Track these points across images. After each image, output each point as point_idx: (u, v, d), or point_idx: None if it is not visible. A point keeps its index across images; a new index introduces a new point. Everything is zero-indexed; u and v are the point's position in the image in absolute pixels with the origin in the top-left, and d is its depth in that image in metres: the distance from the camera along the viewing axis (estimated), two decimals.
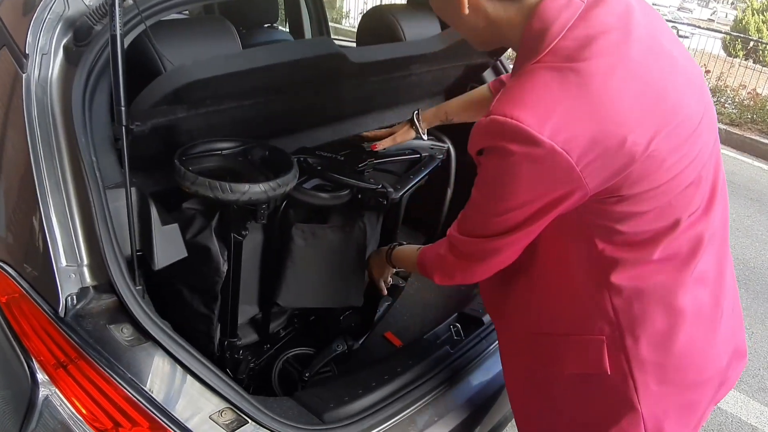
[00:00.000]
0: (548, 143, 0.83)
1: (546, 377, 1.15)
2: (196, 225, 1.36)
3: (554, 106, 0.84)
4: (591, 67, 0.85)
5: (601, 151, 0.85)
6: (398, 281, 2.12)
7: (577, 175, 0.86)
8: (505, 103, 0.88)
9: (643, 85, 0.87)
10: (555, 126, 0.83)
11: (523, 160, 0.87)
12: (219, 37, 1.32)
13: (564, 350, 1.09)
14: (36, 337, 1.08)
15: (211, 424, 1.08)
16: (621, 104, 0.85)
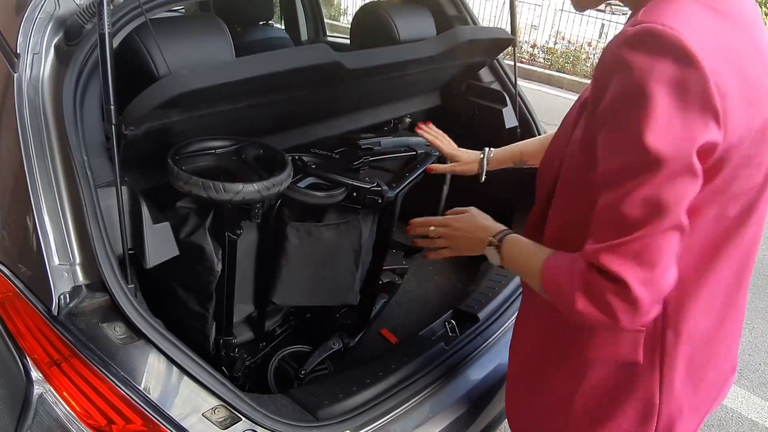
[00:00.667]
0: (705, 68, 0.73)
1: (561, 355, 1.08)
2: (190, 224, 1.36)
3: (709, 36, 0.76)
4: (735, 12, 0.80)
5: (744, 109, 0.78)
6: (394, 278, 2.13)
7: (721, 123, 0.76)
8: (657, 14, 0.77)
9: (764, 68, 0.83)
10: (711, 54, 0.74)
11: (670, 84, 0.74)
12: (211, 35, 1.32)
13: (594, 333, 1.01)
14: (30, 336, 1.09)
15: (204, 421, 1.08)
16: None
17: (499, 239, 1.08)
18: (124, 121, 1.15)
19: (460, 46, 1.71)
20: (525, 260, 1.03)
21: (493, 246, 1.08)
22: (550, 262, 0.93)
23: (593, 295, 0.82)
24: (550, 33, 9.60)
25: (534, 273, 0.96)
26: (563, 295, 0.87)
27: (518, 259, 1.06)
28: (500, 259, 1.07)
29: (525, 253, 1.04)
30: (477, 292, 1.77)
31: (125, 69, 1.16)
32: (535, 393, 1.16)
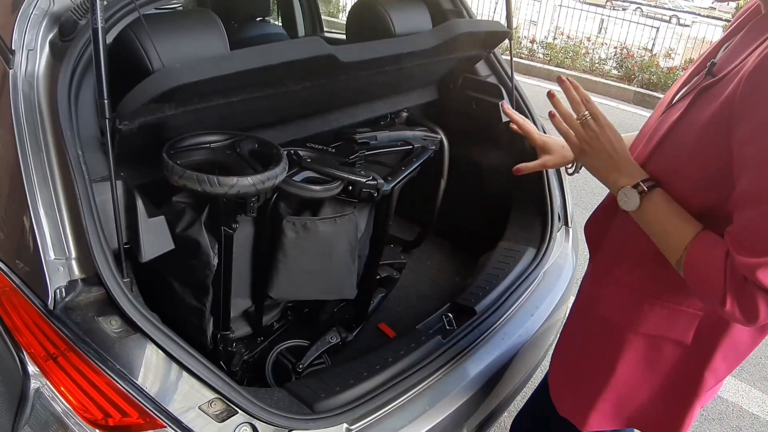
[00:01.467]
0: None
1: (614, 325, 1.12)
2: (185, 219, 1.37)
3: None
4: None
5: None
6: (392, 273, 2.13)
7: None
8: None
9: None
10: None
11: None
12: (205, 30, 1.32)
13: (648, 311, 1.07)
14: (26, 330, 1.09)
15: (201, 414, 1.09)
16: None
17: (649, 186, 0.99)
18: (118, 115, 1.15)
19: (455, 38, 1.71)
20: (669, 225, 0.97)
21: (638, 190, 0.99)
22: (700, 245, 0.92)
23: (744, 302, 0.85)
24: (549, 28, 9.60)
25: (675, 242, 0.95)
26: (710, 288, 0.89)
27: (661, 219, 0.98)
28: (638, 207, 0.99)
29: (673, 216, 0.97)
30: (474, 286, 1.78)
31: (120, 64, 1.17)
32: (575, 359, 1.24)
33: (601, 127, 1.03)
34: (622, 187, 1.00)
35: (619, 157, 1.02)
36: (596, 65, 8.49)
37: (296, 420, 1.20)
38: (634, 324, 1.09)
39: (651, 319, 1.07)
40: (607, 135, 1.03)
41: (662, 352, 1.10)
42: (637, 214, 1.00)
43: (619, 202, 1.01)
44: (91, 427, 1.03)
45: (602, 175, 1.05)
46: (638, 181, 0.99)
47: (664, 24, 9.90)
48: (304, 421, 1.20)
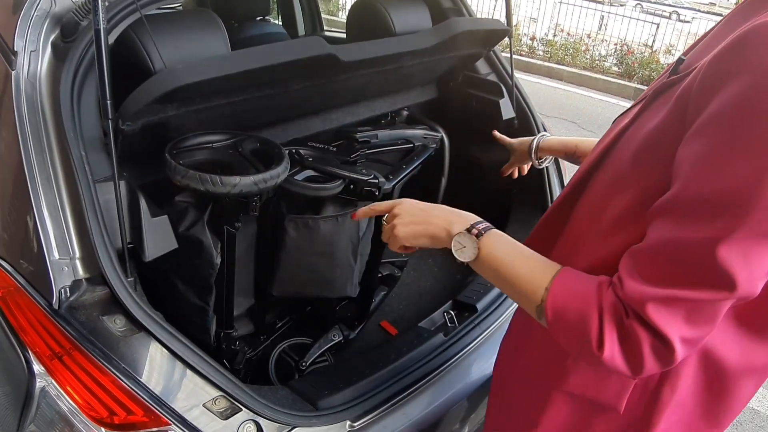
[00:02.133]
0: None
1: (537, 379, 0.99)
2: (188, 218, 1.37)
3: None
4: None
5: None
6: (394, 271, 2.14)
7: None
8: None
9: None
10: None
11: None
12: (206, 30, 1.33)
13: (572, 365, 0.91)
14: (32, 330, 1.10)
15: (205, 411, 1.10)
16: None
17: (483, 228, 0.88)
18: (121, 116, 1.16)
19: (455, 37, 1.72)
20: (519, 266, 0.83)
21: (472, 235, 0.87)
22: (564, 282, 0.77)
23: (627, 345, 0.70)
24: (549, 25, 9.58)
25: (529, 286, 0.80)
26: (582, 333, 0.72)
27: (503, 260, 0.84)
28: (475, 254, 0.86)
29: (521, 256, 0.84)
30: (475, 283, 1.78)
31: (122, 65, 1.17)
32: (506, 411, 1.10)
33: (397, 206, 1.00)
34: (455, 234, 0.89)
35: (433, 216, 0.94)
36: (596, 62, 8.48)
37: (299, 417, 1.20)
38: (557, 379, 0.93)
39: (576, 374, 0.90)
40: (406, 209, 0.98)
41: (592, 419, 0.92)
42: (478, 264, 0.87)
43: (456, 253, 0.89)
44: (97, 425, 1.04)
45: (434, 237, 0.93)
46: (471, 224, 0.89)
47: (664, 20, 9.89)
48: (307, 418, 1.21)
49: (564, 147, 1.49)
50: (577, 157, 1.44)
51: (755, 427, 2.42)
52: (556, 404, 0.94)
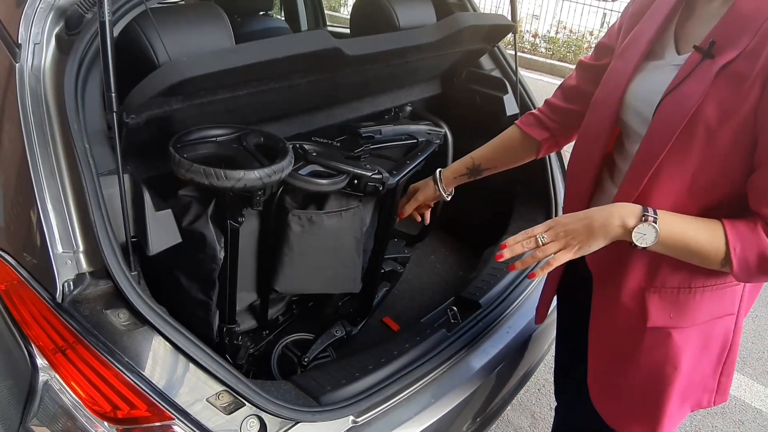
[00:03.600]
0: None
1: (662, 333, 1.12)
2: (192, 212, 1.37)
3: None
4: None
5: None
6: (396, 267, 2.14)
7: None
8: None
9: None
10: None
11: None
12: (210, 24, 1.32)
13: (700, 302, 1.09)
14: (35, 323, 1.10)
15: (208, 406, 1.10)
16: None
17: (654, 212, 0.99)
18: (125, 109, 1.15)
19: (460, 32, 1.71)
20: (696, 235, 0.98)
21: (648, 222, 0.98)
22: (738, 236, 0.95)
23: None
24: (552, 22, 9.57)
25: (711, 249, 0.97)
26: (765, 266, 0.94)
27: (681, 234, 0.98)
28: (656, 237, 0.98)
29: (687, 227, 0.99)
30: (478, 280, 1.78)
31: (126, 58, 1.17)
32: (626, 375, 1.20)
33: (558, 225, 1.06)
34: (633, 227, 0.99)
35: (593, 220, 1.02)
36: None
37: (303, 412, 1.20)
38: (688, 320, 1.10)
39: (704, 308, 1.10)
40: (567, 222, 1.05)
41: (714, 330, 1.13)
42: (659, 245, 1.00)
43: (636, 242, 1.00)
44: (100, 419, 1.04)
45: (597, 240, 1.03)
46: (641, 214, 1.00)
47: None
48: (310, 414, 1.21)
49: (463, 166, 1.52)
50: (477, 168, 1.51)
51: (758, 427, 2.42)
52: (690, 340, 1.12)
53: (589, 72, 1.31)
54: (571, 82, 1.36)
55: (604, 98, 1.14)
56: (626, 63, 1.11)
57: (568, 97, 1.36)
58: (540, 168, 2.02)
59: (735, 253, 0.95)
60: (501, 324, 1.63)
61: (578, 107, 1.32)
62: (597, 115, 1.16)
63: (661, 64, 1.07)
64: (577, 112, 1.32)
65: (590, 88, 1.25)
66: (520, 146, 1.46)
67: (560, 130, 1.40)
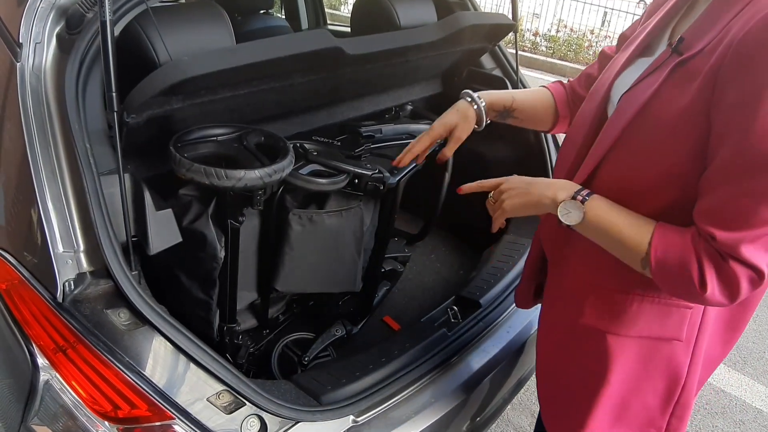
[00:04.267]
0: None
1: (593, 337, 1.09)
2: (192, 211, 1.37)
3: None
4: None
5: None
6: (397, 266, 2.14)
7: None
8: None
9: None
10: None
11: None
12: (211, 22, 1.32)
13: (638, 311, 1.04)
14: (35, 323, 1.10)
15: (209, 406, 1.10)
16: None
17: (587, 194, 0.99)
18: (126, 108, 1.15)
19: (461, 31, 1.71)
20: (622, 226, 0.94)
21: (576, 200, 0.98)
22: (663, 238, 0.90)
23: (724, 282, 0.85)
24: (553, 21, 9.56)
25: (632, 243, 0.93)
26: (684, 278, 0.87)
27: (608, 221, 0.96)
28: (581, 217, 0.97)
29: (617, 217, 0.96)
30: (479, 279, 1.78)
31: (127, 57, 1.17)
32: (564, 375, 1.19)
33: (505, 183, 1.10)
34: (560, 202, 1.00)
35: (536, 188, 1.05)
36: None
37: (303, 412, 1.20)
38: (622, 328, 1.06)
39: (641, 320, 1.05)
40: (514, 183, 1.09)
41: (656, 353, 1.07)
42: (583, 226, 0.99)
43: (561, 217, 0.99)
44: (100, 418, 1.04)
45: (531, 207, 1.06)
46: (575, 191, 1.00)
47: None
48: (311, 413, 1.21)
49: (502, 102, 1.37)
50: (512, 111, 1.38)
51: (759, 427, 2.42)
52: (625, 350, 1.07)
53: (605, 61, 1.27)
54: (590, 70, 1.33)
55: (598, 88, 1.13)
56: (622, 57, 1.10)
57: (583, 84, 1.33)
58: (541, 167, 2.02)
59: (655, 254, 0.90)
60: (501, 324, 1.63)
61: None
62: (589, 103, 1.14)
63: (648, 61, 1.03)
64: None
65: None
66: (546, 112, 1.39)
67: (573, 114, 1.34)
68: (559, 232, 1.12)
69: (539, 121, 1.41)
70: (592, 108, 1.10)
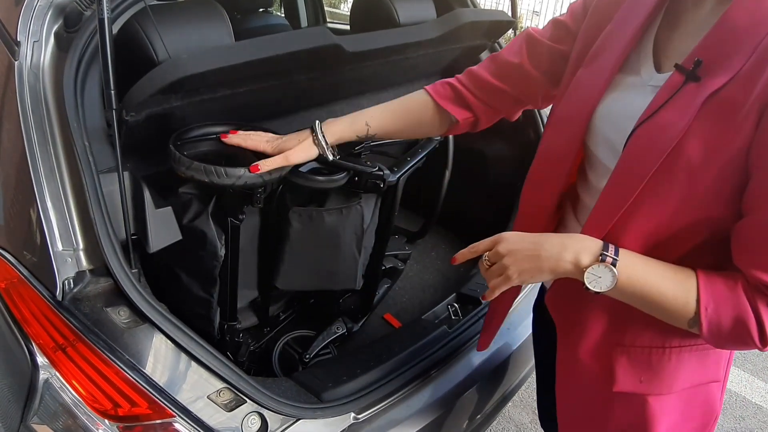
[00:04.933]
0: None
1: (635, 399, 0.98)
2: (192, 210, 1.37)
3: None
4: None
5: None
6: (397, 264, 2.14)
7: None
8: None
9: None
10: None
11: None
12: (210, 20, 1.32)
13: (678, 364, 0.94)
14: (35, 321, 1.09)
15: (210, 403, 1.10)
16: None
17: (614, 252, 0.84)
18: (124, 106, 1.15)
19: (460, 28, 1.71)
20: (661, 284, 0.82)
21: (605, 263, 0.83)
22: (712, 292, 0.80)
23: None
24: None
25: (677, 302, 0.81)
26: (743, 333, 0.78)
27: (645, 282, 0.82)
28: (614, 282, 0.83)
29: (655, 275, 0.83)
30: (479, 276, 1.78)
31: (125, 55, 1.16)
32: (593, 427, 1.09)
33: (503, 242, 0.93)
34: (587, 267, 0.85)
35: (544, 248, 0.88)
36: None
37: (304, 409, 1.20)
38: (665, 387, 0.95)
39: (683, 373, 0.95)
40: (514, 242, 0.92)
41: (695, 399, 0.99)
42: (616, 291, 0.85)
43: (589, 284, 0.85)
44: (101, 417, 1.04)
45: (558, 272, 0.88)
46: (600, 252, 0.85)
47: None
48: (311, 410, 1.21)
49: (353, 128, 1.22)
50: (371, 136, 1.23)
51: (758, 422, 2.42)
52: (666, 408, 0.98)
53: (537, 50, 1.10)
54: (510, 57, 1.13)
55: (570, 116, 0.97)
56: (596, 76, 0.94)
57: (501, 74, 1.14)
58: None
59: (706, 313, 0.79)
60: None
61: (511, 89, 1.13)
62: (560, 135, 0.99)
63: (636, 83, 0.90)
64: (507, 94, 1.14)
65: (533, 72, 1.09)
66: (429, 120, 1.21)
67: (483, 111, 1.19)
68: (574, 296, 0.98)
69: (422, 132, 1.26)
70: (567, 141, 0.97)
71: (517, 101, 1.16)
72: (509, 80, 1.13)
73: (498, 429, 2.27)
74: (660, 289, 0.82)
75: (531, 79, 1.10)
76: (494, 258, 0.95)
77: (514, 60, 1.12)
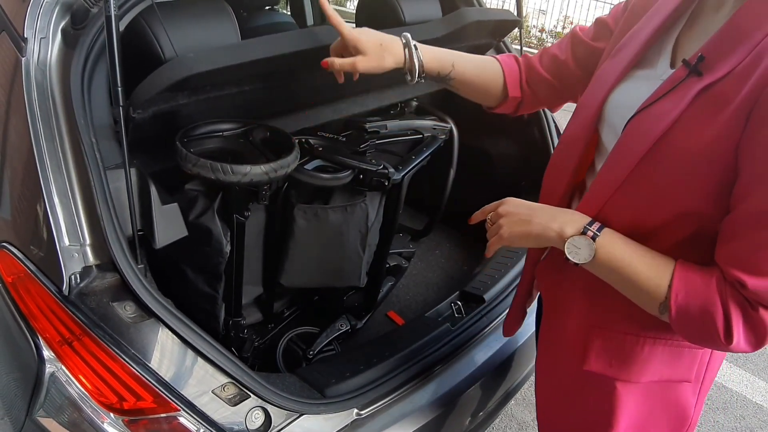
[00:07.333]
0: None
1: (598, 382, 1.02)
2: (198, 206, 1.38)
3: None
4: None
5: None
6: (401, 262, 2.14)
7: None
8: None
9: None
10: None
11: None
12: (217, 19, 1.32)
13: (650, 355, 0.97)
14: (42, 316, 1.10)
15: (214, 398, 1.10)
16: None
17: (598, 228, 0.88)
18: (131, 104, 1.16)
19: (465, 27, 1.71)
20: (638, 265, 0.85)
21: (587, 237, 0.87)
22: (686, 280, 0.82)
23: (754, 331, 0.78)
24: (559, 17, 9.53)
25: (650, 285, 0.84)
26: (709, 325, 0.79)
27: (622, 260, 0.86)
28: (592, 255, 0.87)
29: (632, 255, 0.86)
30: (482, 274, 1.78)
31: (132, 52, 1.17)
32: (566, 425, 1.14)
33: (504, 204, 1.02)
34: (568, 237, 0.89)
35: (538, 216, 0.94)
36: None
37: (307, 404, 1.21)
38: (633, 374, 0.98)
39: (653, 364, 0.97)
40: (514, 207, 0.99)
41: (665, 396, 1.01)
42: (593, 265, 0.88)
43: (568, 255, 0.89)
44: (106, 410, 1.05)
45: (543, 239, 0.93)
46: (584, 225, 0.89)
47: None
48: (315, 406, 1.22)
49: (440, 65, 1.20)
50: (448, 78, 1.21)
51: (759, 422, 2.42)
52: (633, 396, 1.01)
53: (579, 49, 1.15)
54: (558, 52, 1.19)
55: (587, 103, 1.01)
56: (615, 67, 0.98)
57: (549, 67, 1.20)
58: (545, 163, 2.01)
59: (676, 300, 0.81)
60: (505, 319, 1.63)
61: (557, 82, 1.19)
62: (577, 120, 1.03)
63: (648, 75, 0.93)
64: (549, 84, 1.19)
65: (574, 68, 1.14)
66: (494, 87, 1.23)
67: (529, 95, 1.23)
68: (560, 269, 1.04)
69: (480, 98, 1.27)
70: (581, 126, 1.01)
71: (560, 94, 1.22)
72: (556, 74, 1.19)
73: (500, 427, 2.28)
74: (636, 269, 0.85)
75: (573, 75, 1.15)
76: (495, 218, 1.03)
77: (557, 54, 1.19)
